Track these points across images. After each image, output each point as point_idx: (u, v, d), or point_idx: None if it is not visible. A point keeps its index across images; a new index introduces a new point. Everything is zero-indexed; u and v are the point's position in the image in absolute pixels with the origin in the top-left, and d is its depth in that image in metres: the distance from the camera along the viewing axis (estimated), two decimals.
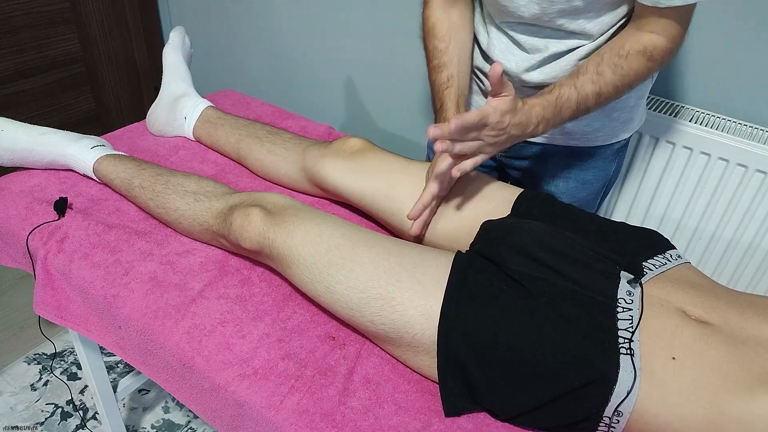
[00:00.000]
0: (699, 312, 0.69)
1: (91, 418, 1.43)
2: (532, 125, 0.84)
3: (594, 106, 0.86)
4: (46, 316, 0.95)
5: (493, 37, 0.96)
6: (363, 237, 0.81)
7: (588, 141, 1.01)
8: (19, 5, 1.75)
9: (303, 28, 1.81)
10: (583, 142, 1.01)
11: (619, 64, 0.83)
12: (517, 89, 0.96)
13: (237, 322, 0.83)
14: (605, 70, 0.83)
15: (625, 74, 0.83)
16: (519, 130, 0.83)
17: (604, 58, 0.84)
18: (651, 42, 0.82)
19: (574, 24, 0.87)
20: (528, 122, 0.83)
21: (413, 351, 0.75)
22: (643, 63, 0.83)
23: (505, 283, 0.73)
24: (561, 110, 0.84)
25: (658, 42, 0.82)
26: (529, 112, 0.83)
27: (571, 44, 0.90)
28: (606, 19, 0.86)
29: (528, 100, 0.84)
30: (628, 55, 0.83)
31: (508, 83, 0.79)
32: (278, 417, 0.71)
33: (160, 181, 0.99)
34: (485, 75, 1.01)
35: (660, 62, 0.84)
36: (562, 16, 0.86)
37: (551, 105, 0.84)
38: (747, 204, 1.20)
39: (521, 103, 0.83)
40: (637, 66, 0.83)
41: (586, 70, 0.84)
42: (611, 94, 0.85)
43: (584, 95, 0.84)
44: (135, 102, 2.22)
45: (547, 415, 0.69)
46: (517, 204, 0.89)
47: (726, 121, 1.23)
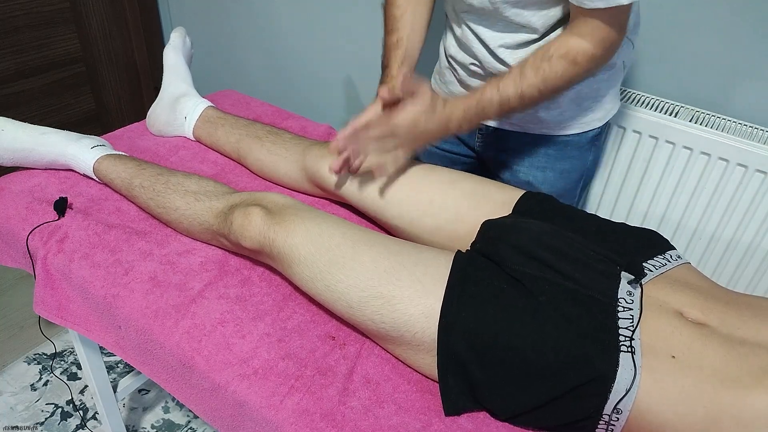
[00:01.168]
0: (696, 313, 0.69)
1: (91, 418, 1.43)
2: (454, 125, 0.90)
3: (520, 107, 0.88)
4: (46, 316, 0.95)
5: (464, 29, 0.99)
6: (363, 236, 0.81)
7: (561, 129, 1.03)
8: (19, 5, 1.75)
9: (303, 28, 1.81)
10: (557, 131, 1.03)
11: (542, 67, 0.84)
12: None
13: (237, 322, 0.83)
14: (528, 72, 0.85)
15: (547, 77, 0.84)
16: (440, 130, 0.90)
17: (528, 61, 0.86)
18: (575, 46, 0.82)
19: (521, 17, 0.89)
20: (449, 123, 0.89)
21: (413, 350, 0.75)
22: (564, 67, 0.83)
23: (505, 283, 0.73)
24: (484, 110, 0.88)
25: (581, 46, 0.82)
26: (450, 115, 0.89)
27: (520, 38, 0.92)
28: (551, 13, 0.88)
29: (450, 101, 0.89)
30: (552, 58, 0.83)
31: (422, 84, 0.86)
32: (278, 417, 0.71)
33: (160, 180, 0.99)
34: (459, 64, 1.04)
35: (585, 67, 0.84)
36: (507, 7, 0.88)
37: (473, 106, 0.88)
38: (747, 204, 1.20)
39: (441, 103, 0.88)
40: (559, 69, 0.83)
41: (510, 72, 0.87)
42: (535, 96, 0.86)
43: (506, 97, 0.86)
44: (135, 102, 2.22)
45: (547, 415, 0.69)
46: (517, 204, 0.89)
47: (726, 121, 1.23)
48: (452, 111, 0.88)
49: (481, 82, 1.01)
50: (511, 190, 0.93)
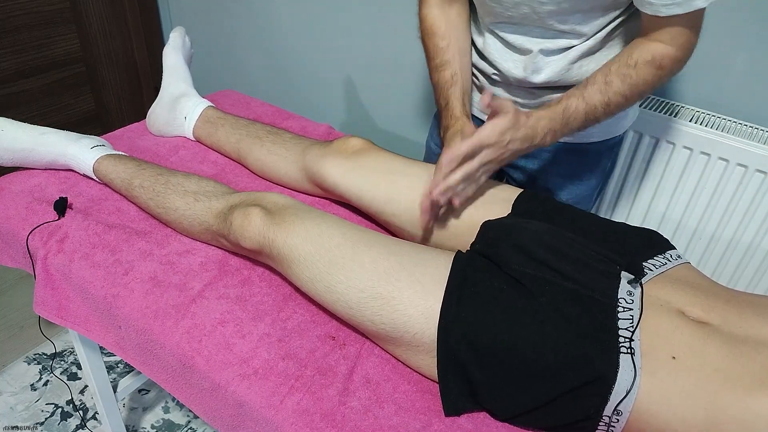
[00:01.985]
0: (698, 312, 0.69)
1: (91, 418, 1.43)
2: (539, 137, 0.85)
3: (603, 116, 0.86)
4: (46, 316, 0.95)
5: (488, 39, 0.97)
6: (363, 236, 0.81)
7: (583, 137, 1.02)
8: (19, 5, 1.75)
9: (303, 28, 1.81)
10: (578, 139, 1.02)
11: (628, 74, 0.83)
12: (524, 89, 0.97)
13: (237, 322, 0.83)
14: (614, 80, 0.83)
15: (634, 84, 0.83)
16: (524, 143, 0.85)
17: (612, 69, 0.84)
18: (659, 51, 0.82)
19: (565, 24, 0.87)
20: (534, 135, 0.85)
21: (413, 350, 0.75)
22: (652, 72, 0.83)
23: (505, 283, 0.73)
24: (569, 121, 0.85)
25: (666, 51, 0.82)
26: (535, 126, 0.85)
27: (562, 44, 0.90)
28: (597, 21, 0.86)
29: (534, 113, 0.85)
30: (637, 65, 0.83)
31: (503, 104, 0.82)
32: (278, 417, 0.71)
33: (160, 180, 0.99)
34: (480, 72, 1.02)
35: (669, 70, 0.84)
36: (551, 17, 0.86)
37: (559, 116, 0.85)
38: (747, 204, 1.20)
39: (524, 116, 0.84)
40: (646, 75, 0.83)
41: (594, 81, 0.85)
42: (620, 103, 0.85)
43: (593, 105, 0.85)
44: (135, 102, 2.22)
45: (547, 415, 0.69)
46: (517, 204, 0.89)
47: (726, 121, 1.23)
48: (537, 123, 0.85)
49: (503, 90, 1.00)
50: (511, 190, 0.93)
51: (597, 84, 0.84)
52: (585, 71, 0.92)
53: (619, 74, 0.83)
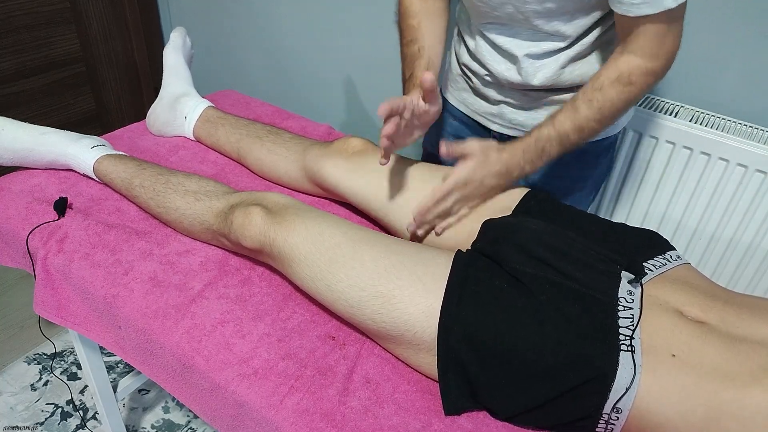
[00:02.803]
0: (696, 312, 0.69)
1: (91, 418, 1.43)
2: (516, 170, 0.88)
3: (579, 140, 0.86)
4: (46, 316, 0.95)
5: (479, 42, 0.98)
6: (364, 235, 0.81)
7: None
8: (19, 5, 1.75)
9: (303, 28, 1.81)
10: None
11: (594, 98, 0.83)
12: (517, 91, 0.97)
13: (237, 322, 0.83)
14: (580, 106, 0.84)
15: (602, 107, 0.83)
16: (500, 179, 0.88)
17: (579, 95, 0.84)
18: (627, 66, 0.80)
19: (549, 25, 0.87)
20: (509, 170, 0.87)
21: (414, 349, 0.75)
22: (620, 90, 0.81)
23: (505, 282, 0.73)
24: (544, 150, 0.86)
25: (635, 64, 0.80)
26: (509, 161, 0.87)
27: (548, 47, 0.90)
28: (581, 22, 0.86)
29: (507, 147, 0.87)
30: (603, 87, 0.82)
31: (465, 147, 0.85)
32: (278, 417, 0.71)
33: (160, 180, 0.99)
34: (473, 73, 1.03)
35: (642, 85, 0.81)
36: (536, 17, 0.87)
37: (531, 147, 0.86)
38: (747, 204, 1.20)
39: (495, 152, 0.86)
40: (614, 95, 0.82)
41: (564, 108, 0.86)
42: (594, 127, 0.85)
43: (564, 133, 0.85)
44: (135, 102, 2.22)
45: (546, 414, 0.69)
46: (518, 204, 0.89)
47: (726, 121, 1.23)
48: (511, 156, 0.86)
49: (495, 91, 1.00)
50: (512, 190, 0.93)
51: (566, 111, 0.85)
52: (578, 74, 0.92)
53: (585, 100, 0.83)
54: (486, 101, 1.04)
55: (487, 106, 1.04)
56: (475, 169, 0.86)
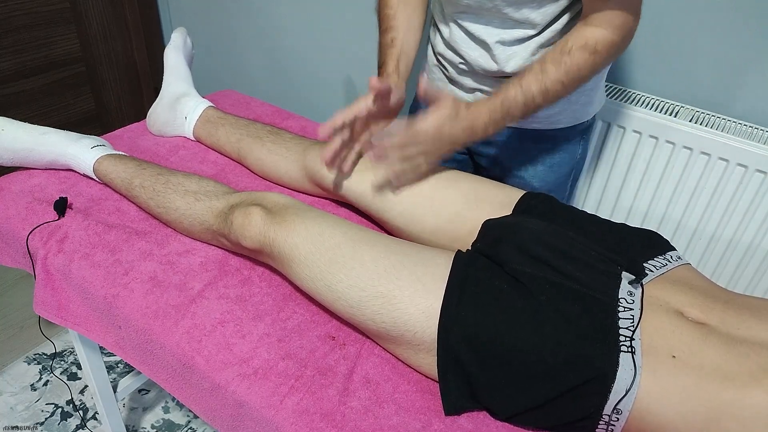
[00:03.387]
0: (696, 313, 0.69)
1: (91, 418, 1.43)
2: (480, 129, 0.88)
3: (544, 103, 0.88)
4: (46, 316, 0.95)
5: (453, 30, 0.99)
6: (364, 236, 0.81)
7: (551, 124, 1.03)
8: (19, 5, 1.75)
9: (303, 28, 1.81)
10: (546, 125, 1.04)
11: (563, 61, 0.84)
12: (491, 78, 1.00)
13: (237, 322, 0.83)
14: (549, 68, 0.85)
15: (569, 70, 0.85)
16: (465, 135, 0.88)
17: (547, 57, 0.86)
18: (593, 35, 0.83)
19: (519, 13, 0.89)
20: (474, 126, 0.88)
21: (414, 349, 0.75)
22: (585, 57, 0.84)
23: (505, 282, 0.73)
24: (509, 111, 0.87)
25: (600, 35, 0.83)
26: (474, 118, 0.87)
27: (518, 34, 0.92)
28: (549, 10, 0.88)
29: (473, 105, 0.88)
30: (571, 51, 0.84)
31: (442, 93, 0.86)
32: (278, 417, 0.71)
33: (160, 180, 0.99)
34: (448, 62, 1.04)
35: (605, 55, 0.85)
36: (505, 6, 0.88)
37: (497, 107, 0.87)
38: (747, 204, 1.20)
39: (464, 108, 0.87)
40: (580, 61, 0.84)
41: (531, 69, 0.87)
42: (559, 90, 0.87)
43: (530, 94, 0.86)
44: (135, 102, 2.22)
45: (546, 414, 0.69)
46: (517, 203, 0.90)
47: (726, 121, 1.23)
48: (477, 114, 0.87)
49: (471, 80, 1.02)
50: (511, 190, 0.93)
51: (533, 73, 0.86)
52: None
53: (554, 62, 0.85)
54: (461, 89, 1.05)
55: (463, 95, 1.06)
56: (444, 122, 0.87)
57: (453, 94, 0.88)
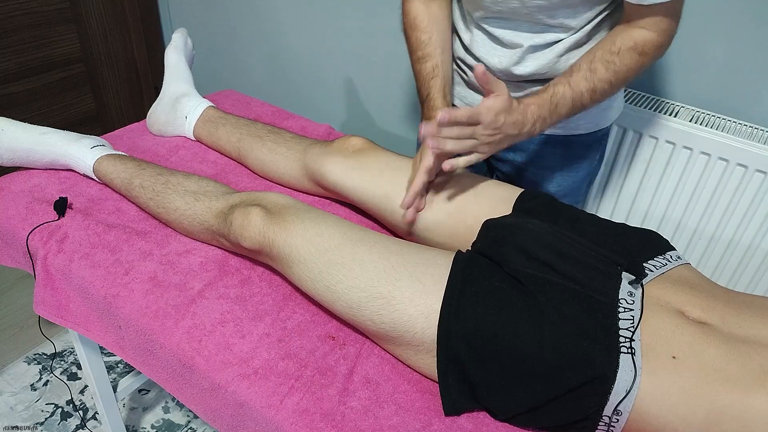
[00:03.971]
0: (697, 312, 0.69)
1: (91, 418, 1.43)
2: (528, 124, 0.85)
3: (590, 103, 0.88)
4: (46, 316, 0.95)
5: (475, 34, 0.98)
6: (363, 236, 0.81)
7: (570, 130, 1.03)
8: (19, 5, 1.75)
9: (303, 28, 1.81)
10: (566, 131, 1.03)
11: (612, 61, 0.85)
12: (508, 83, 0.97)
13: (237, 322, 0.83)
14: (598, 67, 0.85)
15: (618, 70, 0.85)
16: (515, 129, 0.85)
17: (596, 56, 0.86)
18: (641, 37, 0.84)
19: (553, 19, 0.89)
20: (524, 121, 0.85)
21: (413, 350, 0.75)
22: (635, 58, 0.85)
23: (505, 283, 0.73)
24: (557, 108, 0.86)
25: (648, 37, 0.84)
26: (524, 112, 0.85)
27: (550, 38, 0.91)
28: (585, 15, 0.88)
29: (523, 100, 0.86)
30: (620, 52, 0.84)
31: (500, 82, 0.81)
32: (278, 417, 0.71)
33: (160, 180, 0.99)
34: (468, 66, 1.03)
35: (652, 56, 0.85)
36: (540, 11, 0.88)
37: (546, 103, 0.86)
38: (747, 204, 1.20)
39: (516, 102, 0.84)
40: (629, 62, 0.85)
41: (579, 68, 0.86)
42: (606, 90, 0.87)
43: (578, 92, 0.86)
44: (135, 102, 2.22)
45: (546, 415, 0.69)
46: (517, 204, 0.90)
47: (726, 121, 1.23)
48: (526, 109, 0.85)
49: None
50: (511, 188, 0.93)
51: (582, 71, 0.86)
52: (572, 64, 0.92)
53: (603, 61, 0.85)
54: (481, 94, 1.04)
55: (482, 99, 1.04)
56: (501, 111, 0.83)
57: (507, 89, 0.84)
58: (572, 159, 1.07)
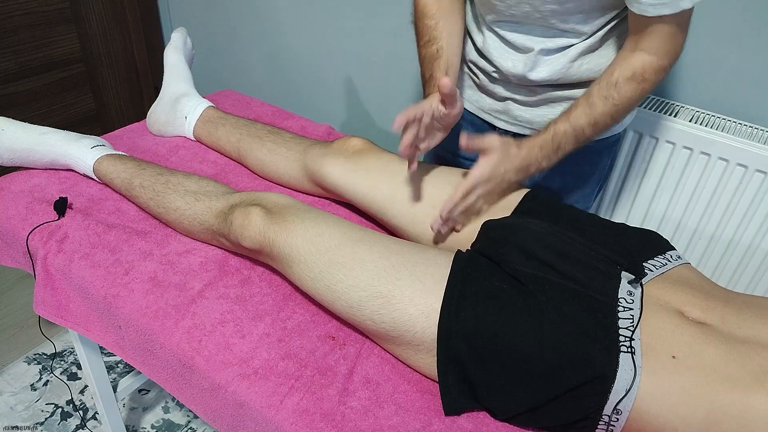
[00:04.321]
0: (697, 313, 0.69)
1: (91, 418, 1.43)
2: (534, 166, 0.89)
3: (593, 135, 0.88)
4: (46, 316, 0.95)
5: (488, 37, 0.97)
6: (363, 236, 0.81)
7: None
8: (19, 5, 1.75)
9: (303, 28, 1.81)
10: None
11: (610, 95, 0.84)
12: (523, 87, 0.97)
13: (237, 322, 0.83)
14: (596, 102, 0.85)
15: (618, 103, 0.85)
16: (519, 174, 0.89)
17: (593, 91, 0.86)
18: (641, 64, 0.82)
19: (566, 24, 0.88)
20: (528, 164, 0.88)
21: (414, 350, 0.75)
22: (634, 87, 0.84)
23: (505, 282, 0.73)
24: (560, 145, 0.88)
25: (648, 61, 0.82)
26: (527, 156, 0.88)
27: (562, 43, 0.90)
28: (597, 21, 0.87)
29: (525, 142, 0.88)
30: (617, 83, 0.84)
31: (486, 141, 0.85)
32: (278, 417, 0.71)
33: (160, 180, 0.99)
34: (480, 69, 1.03)
35: (653, 80, 0.84)
36: (553, 16, 0.87)
37: (548, 143, 0.87)
38: (747, 204, 1.20)
39: (515, 147, 0.87)
40: (628, 92, 0.84)
41: (578, 104, 0.87)
42: (608, 122, 0.87)
43: (579, 128, 0.87)
44: (135, 102, 2.22)
45: (546, 414, 0.69)
46: (518, 205, 0.89)
47: (726, 121, 1.23)
48: (529, 152, 0.87)
49: (502, 88, 1.00)
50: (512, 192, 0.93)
51: (581, 107, 0.86)
52: (585, 69, 0.92)
53: (600, 96, 0.85)
54: (492, 98, 1.04)
55: (493, 103, 1.04)
56: (498, 165, 0.86)
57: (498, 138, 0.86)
58: (583, 164, 1.06)
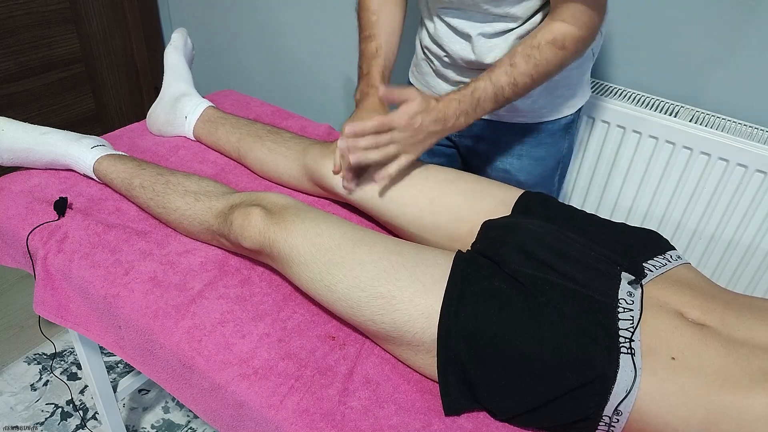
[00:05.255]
0: (696, 314, 0.69)
1: (91, 418, 1.43)
2: (451, 119, 0.90)
3: (513, 96, 0.90)
4: (46, 316, 0.95)
5: (437, 24, 1.01)
6: (363, 236, 0.81)
7: (535, 117, 1.05)
8: (19, 5, 1.75)
9: (303, 28, 1.81)
10: (531, 119, 1.06)
11: (532, 55, 0.87)
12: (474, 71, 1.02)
13: (237, 322, 0.83)
14: (518, 62, 0.88)
15: (539, 64, 0.87)
16: (437, 125, 0.90)
17: (517, 50, 0.88)
18: (561, 31, 0.86)
19: (499, 8, 0.91)
20: (446, 117, 0.90)
21: (414, 350, 0.75)
22: (554, 52, 0.87)
23: (505, 283, 0.73)
24: (479, 102, 0.90)
25: (568, 30, 0.86)
26: (446, 109, 0.90)
27: (500, 27, 0.94)
28: (529, 4, 0.91)
29: (443, 97, 0.90)
30: (540, 46, 0.87)
31: (406, 89, 0.88)
32: (278, 417, 0.71)
33: (160, 180, 0.99)
34: (434, 55, 1.06)
35: (573, 50, 0.87)
36: (485, 2, 0.91)
37: (467, 98, 0.90)
38: (747, 204, 1.20)
39: (434, 100, 0.89)
40: (549, 56, 0.87)
41: (501, 63, 0.89)
42: (527, 83, 0.89)
43: (499, 86, 0.89)
44: (135, 102, 2.22)
45: (546, 415, 0.69)
46: (517, 204, 0.90)
47: (726, 121, 1.23)
48: (448, 105, 0.90)
49: (453, 72, 1.04)
50: (510, 189, 0.93)
51: (503, 66, 0.89)
52: None
53: (523, 55, 0.87)
54: (447, 82, 1.08)
55: (447, 87, 1.07)
56: (416, 113, 0.88)
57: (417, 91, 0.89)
58: (539, 146, 1.09)
